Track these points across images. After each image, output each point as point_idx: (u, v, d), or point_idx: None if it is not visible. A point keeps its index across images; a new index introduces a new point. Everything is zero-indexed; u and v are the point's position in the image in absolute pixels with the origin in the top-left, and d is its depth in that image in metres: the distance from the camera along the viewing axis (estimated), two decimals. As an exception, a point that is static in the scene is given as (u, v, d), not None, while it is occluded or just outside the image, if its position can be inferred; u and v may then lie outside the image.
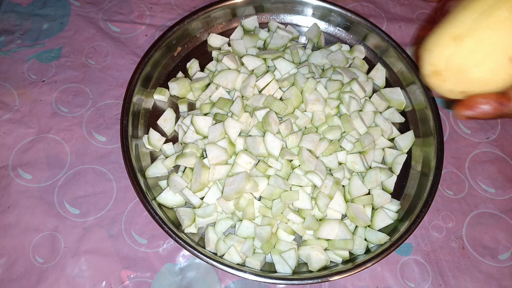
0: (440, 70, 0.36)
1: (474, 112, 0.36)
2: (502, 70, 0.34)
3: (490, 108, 0.36)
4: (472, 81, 0.35)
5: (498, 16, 0.34)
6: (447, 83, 0.36)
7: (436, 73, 0.36)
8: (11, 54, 0.76)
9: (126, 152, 0.63)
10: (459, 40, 0.35)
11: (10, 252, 0.62)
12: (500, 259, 0.66)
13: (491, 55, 0.34)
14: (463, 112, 0.36)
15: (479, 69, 0.35)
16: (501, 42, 0.34)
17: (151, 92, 0.73)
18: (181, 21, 0.74)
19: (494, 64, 0.34)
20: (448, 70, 0.36)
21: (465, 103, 0.36)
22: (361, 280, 0.63)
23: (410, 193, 0.68)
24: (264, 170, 0.62)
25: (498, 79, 0.35)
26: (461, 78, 0.35)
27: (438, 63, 0.36)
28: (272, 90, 0.69)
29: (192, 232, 0.63)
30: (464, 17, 0.35)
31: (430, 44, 0.38)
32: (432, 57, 0.37)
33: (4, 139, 0.69)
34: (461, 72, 0.35)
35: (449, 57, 0.36)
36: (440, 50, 0.36)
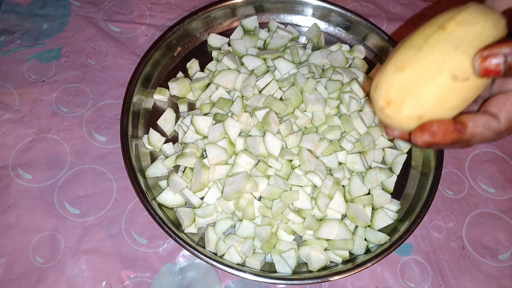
0: (392, 99, 0.37)
1: (432, 137, 0.36)
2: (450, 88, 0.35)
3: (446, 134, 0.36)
4: (427, 102, 0.36)
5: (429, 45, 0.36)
6: (403, 109, 0.36)
7: (389, 102, 0.37)
8: (11, 54, 0.76)
9: (126, 152, 0.63)
10: (401, 70, 0.36)
11: (10, 252, 0.62)
12: (500, 259, 0.66)
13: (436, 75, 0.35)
14: (421, 137, 0.36)
15: (429, 89, 0.35)
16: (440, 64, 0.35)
17: (151, 92, 0.73)
18: (181, 21, 0.74)
19: (441, 83, 0.35)
20: (400, 96, 0.36)
21: (422, 127, 0.36)
22: (361, 280, 0.63)
23: (410, 193, 0.68)
24: (264, 170, 0.62)
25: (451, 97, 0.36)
26: (415, 100, 0.36)
27: (388, 93, 0.37)
28: (272, 90, 0.69)
29: (192, 232, 0.63)
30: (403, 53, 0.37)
31: (376, 82, 0.39)
32: (381, 90, 0.38)
33: (4, 139, 0.69)
34: (414, 94, 0.36)
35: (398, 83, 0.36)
36: (386, 82, 0.37)
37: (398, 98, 0.36)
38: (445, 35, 0.35)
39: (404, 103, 0.36)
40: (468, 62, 0.35)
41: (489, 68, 0.33)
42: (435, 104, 0.36)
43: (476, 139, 0.37)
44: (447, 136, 0.36)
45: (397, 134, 0.41)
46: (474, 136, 0.37)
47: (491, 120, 0.37)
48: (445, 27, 0.36)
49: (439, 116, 0.36)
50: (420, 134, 0.36)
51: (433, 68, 0.35)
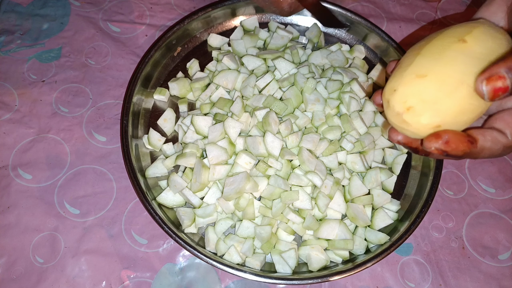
0: (412, 106, 0.37)
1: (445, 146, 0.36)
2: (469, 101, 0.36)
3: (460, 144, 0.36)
4: (448, 112, 0.36)
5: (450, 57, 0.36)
6: (423, 117, 0.37)
7: (409, 109, 0.37)
8: (11, 54, 0.76)
9: (126, 152, 0.63)
10: (423, 77, 0.37)
11: (10, 252, 0.62)
12: (500, 259, 0.66)
13: (458, 87, 0.36)
14: (434, 144, 0.36)
15: (450, 100, 0.36)
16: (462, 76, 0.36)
17: (151, 92, 0.73)
18: (181, 21, 0.74)
19: (463, 95, 0.36)
20: (421, 104, 0.37)
21: (437, 135, 0.37)
22: (361, 280, 0.63)
23: (410, 193, 0.68)
24: (264, 170, 0.62)
25: (468, 110, 0.36)
26: (437, 109, 0.36)
27: (408, 99, 0.37)
28: (272, 90, 0.69)
29: (192, 232, 0.63)
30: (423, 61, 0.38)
31: (394, 86, 0.39)
32: (400, 96, 0.38)
33: (4, 139, 0.69)
34: (435, 104, 0.36)
35: (419, 91, 0.37)
36: (407, 88, 0.37)
37: (419, 105, 0.37)
38: (466, 48, 0.36)
39: (425, 112, 0.36)
40: None
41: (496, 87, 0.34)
42: (455, 115, 0.36)
43: (485, 153, 0.38)
44: (459, 147, 0.36)
45: (401, 140, 0.41)
46: (484, 150, 0.38)
47: (499, 135, 0.38)
48: (465, 40, 0.37)
49: (454, 127, 0.37)
50: (435, 141, 0.36)
51: (456, 80, 0.36)
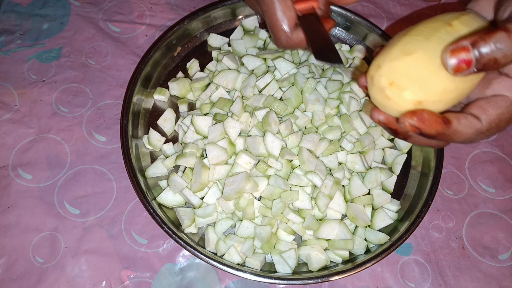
0: (396, 81, 0.37)
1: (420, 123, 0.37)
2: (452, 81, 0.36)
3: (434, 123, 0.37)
4: (431, 89, 0.36)
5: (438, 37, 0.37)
6: (406, 92, 0.37)
7: (392, 83, 0.37)
8: (11, 54, 0.76)
9: (126, 152, 0.63)
10: (409, 54, 0.37)
11: (10, 252, 0.62)
12: (500, 259, 0.66)
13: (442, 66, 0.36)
14: (409, 120, 0.37)
15: (434, 78, 0.36)
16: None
17: (151, 92, 0.73)
18: (181, 21, 0.74)
19: (446, 73, 0.36)
20: (405, 79, 0.37)
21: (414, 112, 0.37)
22: (361, 280, 0.63)
23: (410, 193, 0.68)
24: (264, 170, 0.62)
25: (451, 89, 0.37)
26: (420, 85, 0.37)
27: (392, 74, 0.38)
28: (272, 90, 0.69)
29: (192, 232, 0.63)
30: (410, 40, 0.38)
31: (379, 63, 0.39)
32: (385, 71, 0.38)
33: (4, 139, 0.69)
34: (419, 80, 0.36)
35: (404, 67, 0.37)
36: (392, 64, 0.38)
37: (403, 80, 0.37)
38: (453, 30, 0.37)
39: (408, 86, 0.37)
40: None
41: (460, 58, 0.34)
42: (438, 93, 0.37)
43: (458, 136, 0.39)
44: (433, 125, 0.37)
45: (382, 119, 0.42)
46: (457, 133, 0.38)
47: (474, 120, 0.38)
48: (452, 24, 0.37)
49: (435, 106, 0.38)
50: (411, 117, 0.37)
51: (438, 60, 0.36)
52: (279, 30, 0.52)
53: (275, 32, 0.53)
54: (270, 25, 0.53)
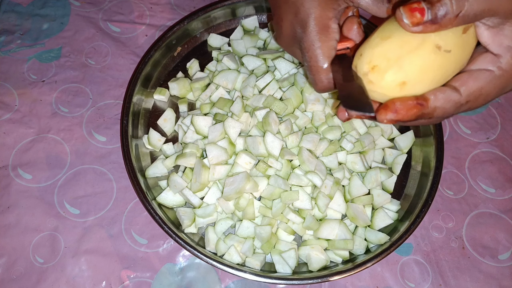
0: (377, 65, 0.38)
1: (396, 115, 0.37)
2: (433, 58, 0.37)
3: (410, 109, 0.37)
4: (410, 69, 0.37)
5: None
6: (387, 74, 0.37)
7: (374, 68, 0.38)
8: (11, 54, 0.76)
9: (126, 152, 0.63)
10: (387, 38, 0.38)
11: (10, 252, 0.62)
12: (500, 259, 0.66)
13: (421, 44, 0.37)
14: (385, 116, 0.38)
15: (413, 56, 0.37)
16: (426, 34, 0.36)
17: (151, 92, 0.73)
18: (181, 21, 0.74)
19: (425, 51, 0.37)
20: (385, 62, 0.37)
21: (386, 106, 0.38)
22: (361, 280, 0.63)
23: (410, 193, 0.68)
24: (264, 170, 0.62)
25: (433, 67, 0.37)
26: (399, 66, 0.37)
27: (373, 59, 0.38)
28: (272, 90, 0.69)
29: (192, 232, 0.63)
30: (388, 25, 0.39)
31: (361, 51, 0.40)
32: (366, 57, 0.39)
33: (4, 139, 0.69)
34: (398, 60, 0.37)
35: (383, 50, 0.38)
36: (372, 49, 0.39)
37: (383, 63, 0.38)
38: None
39: (388, 68, 0.37)
40: (450, 36, 0.37)
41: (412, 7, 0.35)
42: (418, 72, 0.37)
43: (438, 112, 0.39)
44: (409, 111, 0.37)
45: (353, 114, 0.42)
46: (436, 109, 0.38)
47: (451, 93, 0.38)
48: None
49: (421, 86, 0.38)
50: (384, 112, 0.38)
51: (419, 38, 0.37)
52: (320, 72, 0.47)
53: (315, 73, 0.47)
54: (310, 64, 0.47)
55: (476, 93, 0.38)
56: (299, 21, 0.46)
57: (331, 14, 0.45)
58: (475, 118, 0.78)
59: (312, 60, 0.46)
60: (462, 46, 0.38)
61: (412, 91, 0.38)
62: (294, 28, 0.48)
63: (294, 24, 0.47)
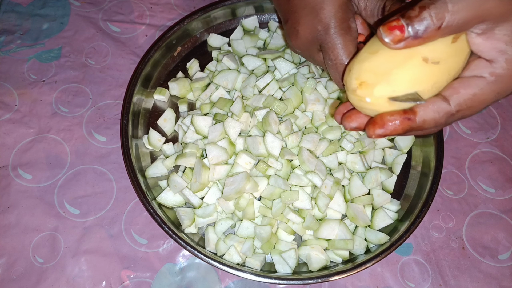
0: (365, 80, 0.38)
1: (385, 130, 0.37)
2: (421, 71, 0.36)
3: (398, 124, 0.37)
4: (399, 83, 0.36)
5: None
6: (375, 90, 0.37)
7: (362, 84, 0.38)
8: (11, 54, 0.76)
9: (126, 152, 0.63)
10: (374, 53, 0.38)
11: (10, 252, 0.62)
12: (500, 259, 0.66)
13: (408, 58, 0.36)
14: (373, 132, 0.38)
15: (400, 70, 0.36)
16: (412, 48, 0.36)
17: (151, 92, 0.73)
18: (181, 21, 0.74)
19: (412, 64, 0.36)
20: (372, 77, 0.37)
21: (374, 122, 0.38)
22: (361, 280, 0.63)
23: (410, 193, 0.68)
24: (264, 170, 0.62)
25: (422, 80, 0.37)
26: (387, 81, 0.37)
27: (361, 75, 0.38)
28: (272, 90, 0.69)
29: (192, 232, 0.63)
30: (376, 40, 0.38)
31: (350, 67, 0.40)
32: (355, 73, 0.39)
33: (4, 139, 0.69)
34: (386, 75, 0.37)
35: (371, 66, 0.37)
36: (361, 64, 0.38)
37: (371, 79, 0.37)
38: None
39: (376, 83, 0.37)
40: (439, 46, 0.36)
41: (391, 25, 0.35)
42: (407, 86, 0.37)
43: (428, 124, 0.38)
44: (397, 126, 0.37)
45: (354, 126, 0.42)
46: (425, 122, 0.38)
47: (441, 103, 0.38)
48: None
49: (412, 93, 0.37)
50: (373, 127, 0.38)
51: (406, 51, 0.36)
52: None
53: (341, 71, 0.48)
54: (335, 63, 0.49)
55: (468, 101, 0.38)
56: (321, 24, 0.48)
57: (350, 15, 0.48)
58: (475, 118, 0.78)
59: (337, 59, 0.48)
60: (453, 55, 0.37)
61: (403, 105, 0.37)
62: (315, 30, 0.49)
63: (315, 27, 0.49)
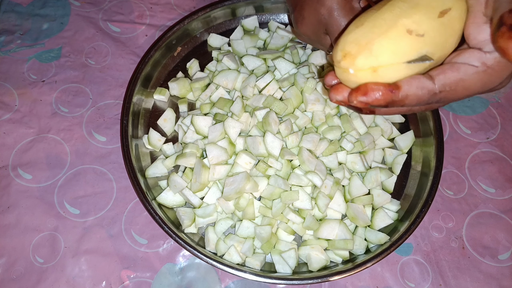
0: (348, 51, 0.38)
1: (367, 98, 0.37)
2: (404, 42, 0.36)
3: (381, 94, 0.37)
4: (380, 53, 0.36)
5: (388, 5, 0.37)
6: (357, 60, 0.37)
7: (345, 55, 0.38)
8: (11, 54, 0.76)
9: (126, 152, 0.63)
10: (360, 26, 0.38)
11: (10, 252, 0.62)
12: (500, 259, 0.66)
13: (390, 28, 0.36)
14: (355, 98, 0.38)
15: (383, 39, 0.36)
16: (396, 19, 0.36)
17: (151, 92, 0.73)
18: (181, 21, 0.74)
19: (395, 35, 0.36)
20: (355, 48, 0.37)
21: (357, 88, 0.38)
22: (361, 280, 0.63)
23: (410, 193, 0.68)
24: (264, 170, 0.62)
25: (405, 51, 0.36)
26: (369, 51, 0.36)
27: (345, 46, 0.38)
28: (272, 90, 0.69)
29: (192, 232, 0.63)
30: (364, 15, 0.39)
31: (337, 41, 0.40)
32: (339, 44, 0.39)
33: (4, 139, 0.69)
34: (369, 44, 0.36)
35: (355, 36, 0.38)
36: (346, 37, 0.39)
37: (353, 50, 0.37)
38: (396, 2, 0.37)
39: (359, 53, 0.37)
40: (424, 19, 0.36)
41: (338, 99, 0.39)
42: (388, 56, 0.36)
43: (410, 99, 0.38)
44: (380, 96, 0.37)
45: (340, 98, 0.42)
46: (408, 97, 0.38)
47: (425, 80, 0.38)
48: None
49: (395, 72, 0.37)
50: (355, 94, 0.38)
51: (389, 23, 0.36)
52: None
53: None
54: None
55: (453, 84, 0.38)
56: (324, 7, 0.51)
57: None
58: (475, 118, 0.78)
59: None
60: (439, 29, 0.37)
61: (385, 77, 0.37)
62: (319, 14, 0.53)
63: (318, 11, 0.52)
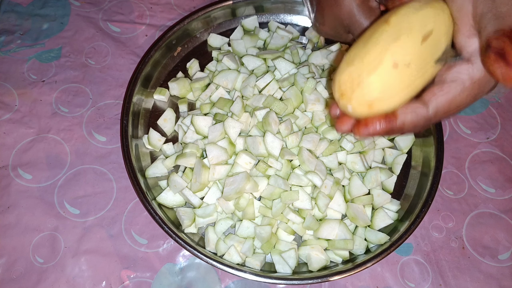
0: (344, 91, 0.40)
1: (368, 130, 0.41)
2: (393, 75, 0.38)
3: (380, 125, 0.40)
4: (372, 90, 0.38)
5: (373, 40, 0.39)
6: (353, 99, 0.40)
7: (342, 94, 0.40)
8: (11, 54, 0.76)
9: (126, 152, 0.63)
10: (350, 63, 0.40)
11: (10, 252, 0.62)
12: (500, 259, 0.66)
13: (378, 65, 0.38)
14: (358, 132, 0.41)
15: (372, 77, 0.38)
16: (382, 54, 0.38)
17: (151, 92, 0.73)
18: (181, 21, 0.74)
19: (383, 71, 0.38)
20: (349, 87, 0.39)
21: (358, 123, 0.41)
22: (361, 280, 0.63)
23: (410, 193, 0.68)
24: (264, 170, 0.62)
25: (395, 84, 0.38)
26: (361, 90, 0.39)
27: (341, 85, 0.40)
28: (272, 90, 0.69)
29: (192, 232, 0.63)
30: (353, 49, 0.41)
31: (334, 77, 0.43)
32: (336, 84, 0.41)
33: (4, 139, 0.69)
34: (360, 83, 0.39)
35: (347, 76, 0.40)
36: (339, 76, 0.41)
37: (348, 89, 0.40)
38: (388, 27, 0.39)
39: (353, 93, 0.39)
40: (408, 48, 0.38)
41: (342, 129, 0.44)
42: (381, 92, 0.38)
43: (407, 126, 0.41)
44: (380, 127, 0.40)
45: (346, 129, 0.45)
46: (405, 124, 0.40)
47: (419, 107, 0.40)
48: (388, 20, 0.39)
49: (389, 103, 0.39)
50: (357, 128, 0.41)
51: (376, 59, 0.38)
52: None
53: None
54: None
55: (445, 106, 0.40)
56: (343, 11, 0.54)
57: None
58: (475, 118, 0.78)
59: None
60: (425, 53, 0.38)
61: (382, 109, 0.39)
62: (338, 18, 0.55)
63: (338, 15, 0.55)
